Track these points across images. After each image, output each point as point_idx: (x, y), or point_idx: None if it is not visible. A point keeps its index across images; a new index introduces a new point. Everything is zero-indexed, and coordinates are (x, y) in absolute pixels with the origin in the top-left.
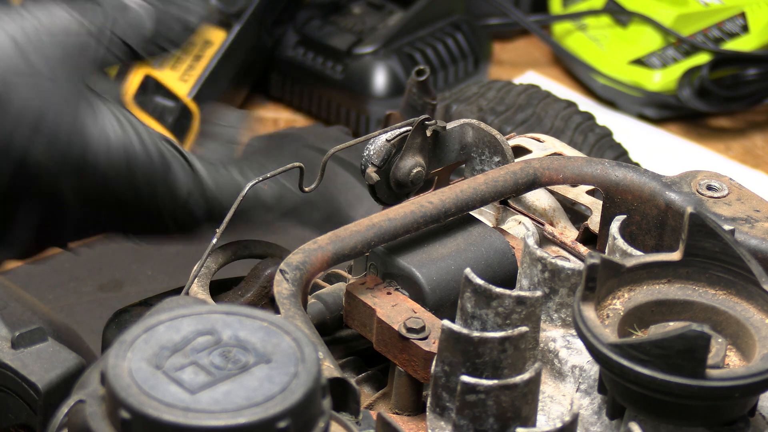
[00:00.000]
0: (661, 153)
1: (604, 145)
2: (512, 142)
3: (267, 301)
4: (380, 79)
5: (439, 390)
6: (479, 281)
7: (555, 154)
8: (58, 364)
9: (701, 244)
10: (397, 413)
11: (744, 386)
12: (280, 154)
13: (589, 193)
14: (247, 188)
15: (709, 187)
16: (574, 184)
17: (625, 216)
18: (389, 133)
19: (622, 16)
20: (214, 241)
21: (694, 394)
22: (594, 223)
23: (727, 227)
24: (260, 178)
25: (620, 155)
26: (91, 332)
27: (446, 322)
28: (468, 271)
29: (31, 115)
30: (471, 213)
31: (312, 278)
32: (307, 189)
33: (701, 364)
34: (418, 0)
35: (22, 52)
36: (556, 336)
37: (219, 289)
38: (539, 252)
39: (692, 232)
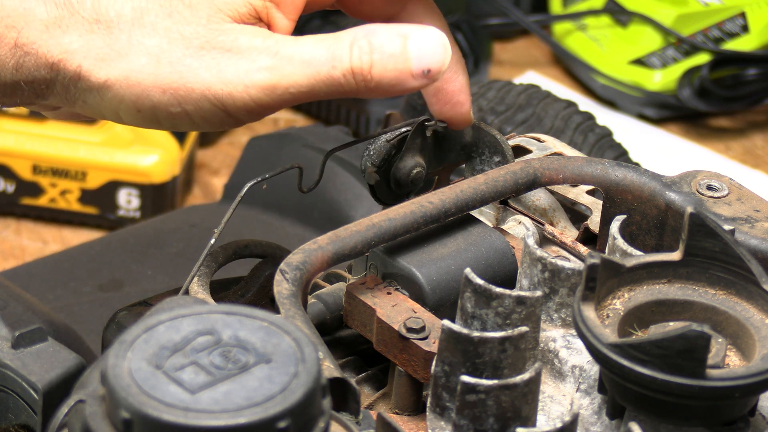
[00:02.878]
0: (661, 153)
1: (604, 145)
2: (512, 142)
3: (267, 301)
4: None
5: (439, 390)
6: (479, 281)
7: (555, 154)
8: (58, 364)
9: (701, 244)
10: (397, 413)
11: (744, 386)
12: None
13: (589, 193)
14: (246, 188)
15: (709, 187)
16: (574, 184)
17: (625, 216)
18: (389, 133)
19: (622, 16)
20: (212, 241)
21: (694, 394)
22: (594, 223)
23: (727, 227)
24: (259, 179)
25: (620, 155)
26: (91, 332)
27: (446, 322)
28: (468, 271)
29: None
30: (471, 213)
31: (312, 278)
32: (305, 189)
33: (701, 364)
34: None
35: None
36: (556, 336)
37: (219, 289)
38: (539, 252)
39: (692, 232)
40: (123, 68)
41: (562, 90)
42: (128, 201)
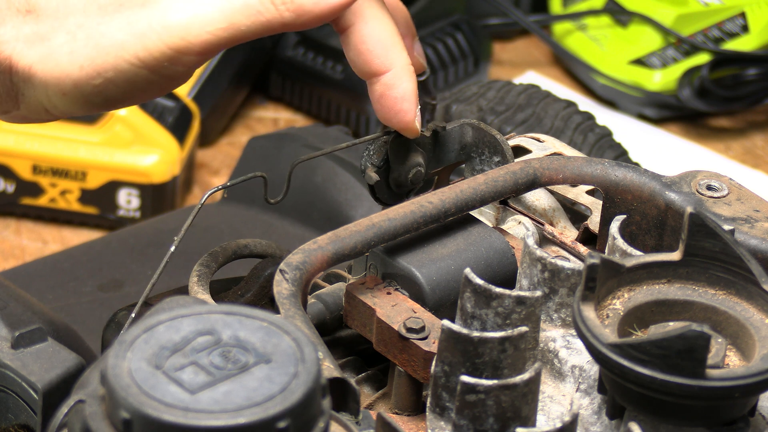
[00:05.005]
0: (661, 153)
1: (604, 145)
2: (512, 142)
3: (267, 301)
4: None
5: (439, 390)
6: (479, 281)
7: (555, 154)
8: (58, 364)
9: (701, 244)
10: (397, 413)
11: (744, 386)
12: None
13: (589, 193)
14: (206, 196)
15: (709, 187)
16: (574, 184)
17: (625, 216)
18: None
19: (622, 16)
20: (172, 249)
21: (694, 394)
22: (594, 223)
23: (727, 227)
24: (219, 186)
25: (620, 155)
26: (91, 332)
27: (446, 322)
28: (468, 271)
29: None
30: (471, 213)
31: (312, 278)
32: (273, 201)
33: (701, 364)
34: (418, 0)
35: None
36: (556, 336)
37: (219, 289)
38: (539, 252)
39: (692, 232)
40: (43, 52)
41: (562, 90)
42: (128, 201)
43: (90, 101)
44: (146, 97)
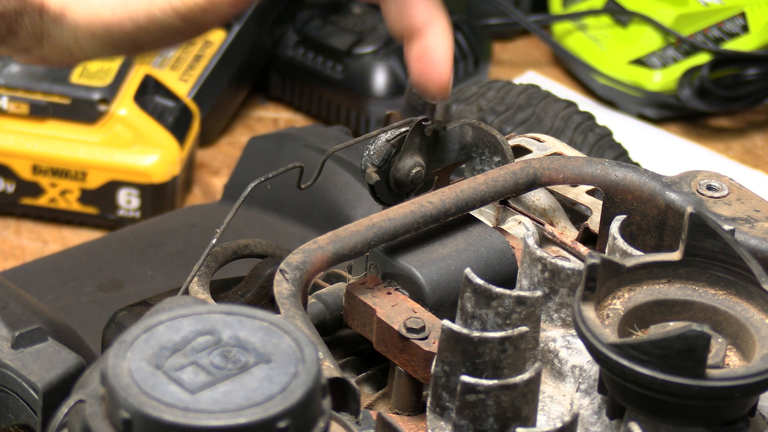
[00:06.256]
0: (661, 153)
1: (604, 145)
2: (512, 142)
3: (267, 301)
4: (380, 79)
5: (439, 390)
6: (479, 281)
7: (555, 154)
8: (58, 364)
9: (701, 244)
10: (397, 413)
11: (744, 386)
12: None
13: (589, 193)
14: (249, 188)
15: (709, 187)
16: (574, 184)
17: (625, 216)
18: (389, 133)
19: (622, 16)
20: (214, 241)
21: (694, 394)
22: (594, 223)
23: (727, 227)
24: (262, 178)
25: (620, 155)
26: (91, 332)
27: (446, 322)
28: (468, 271)
29: None
30: (471, 213)
31: (312, 278)
32: (303, 186)
33: (701, 364)
34: None
35: None
36: (556, 336)
37: (219, 289)
38: (539, 252)
39: (692, 232)
40: None
41: (562, 90)
42: (128, 201)
43: (118, 45)
44: (174, 44)
